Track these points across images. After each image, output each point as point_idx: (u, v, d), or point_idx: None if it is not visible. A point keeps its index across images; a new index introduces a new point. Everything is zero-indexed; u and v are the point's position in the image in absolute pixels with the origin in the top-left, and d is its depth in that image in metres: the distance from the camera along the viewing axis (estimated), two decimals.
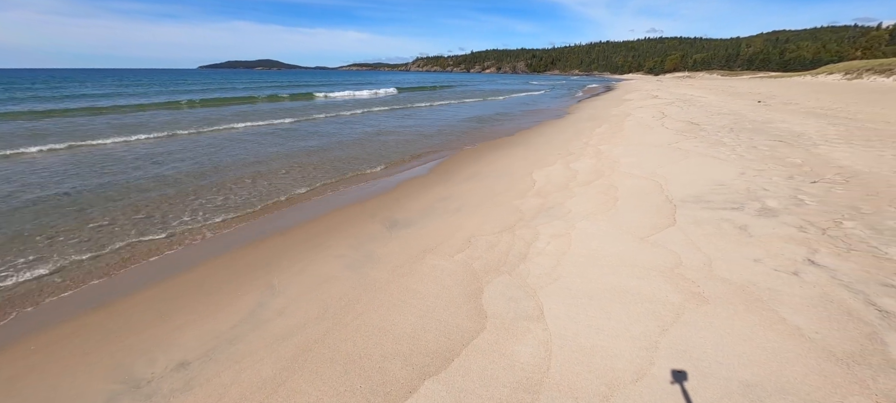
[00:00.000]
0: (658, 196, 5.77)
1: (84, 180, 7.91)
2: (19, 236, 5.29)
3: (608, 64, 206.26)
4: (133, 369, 2.84)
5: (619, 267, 3.76)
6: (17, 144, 11.29)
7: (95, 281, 4.30)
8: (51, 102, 24.61)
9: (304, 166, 9.39)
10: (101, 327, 3.46)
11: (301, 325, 3.19)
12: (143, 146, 11.54)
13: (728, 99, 23.78)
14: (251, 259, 4.70)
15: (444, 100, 31.23)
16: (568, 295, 3.33)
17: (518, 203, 5.99)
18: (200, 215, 6.19)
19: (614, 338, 2.74)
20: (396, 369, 2.59)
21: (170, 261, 4.78)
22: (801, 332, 2.73)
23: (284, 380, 2.56)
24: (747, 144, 9.09)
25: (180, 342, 3.13)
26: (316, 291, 3.78)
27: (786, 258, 3.74)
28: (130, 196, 7.01)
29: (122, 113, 20.36)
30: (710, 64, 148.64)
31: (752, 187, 5.89)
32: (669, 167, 7.38)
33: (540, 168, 8.18)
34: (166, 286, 4.14)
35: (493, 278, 3.73)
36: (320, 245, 4.96)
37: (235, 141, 12.54)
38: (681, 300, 3.14)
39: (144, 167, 9.02)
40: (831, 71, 52.31)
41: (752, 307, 3.04)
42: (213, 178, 8.26)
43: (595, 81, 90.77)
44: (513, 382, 2.41)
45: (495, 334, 2.88)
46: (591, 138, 11.49)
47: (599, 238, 4.45)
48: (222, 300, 3.78)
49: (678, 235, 4.40)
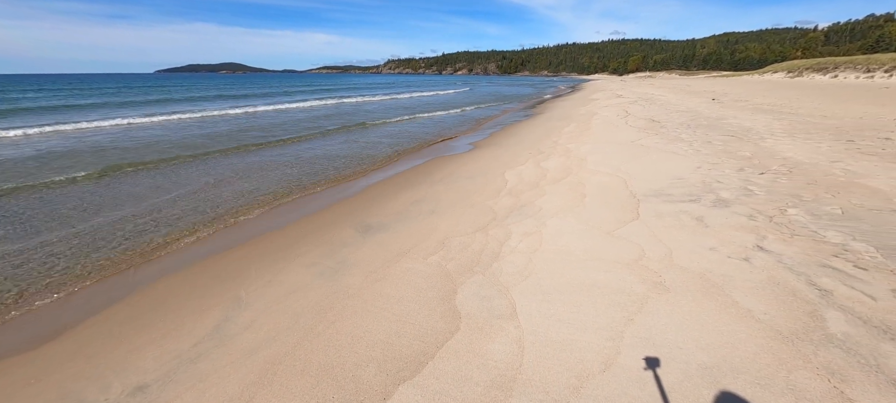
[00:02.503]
0: (623, 192, 6.01)
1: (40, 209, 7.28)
2: None
3: (575, 65, 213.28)
4: (83, 396, 2.64)
5: (588, 262, 3.89)
6: None
7: (42, 303, 3.97)
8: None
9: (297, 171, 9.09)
10: (49, 355, 3.20)
11: (270, 338, 3.08)
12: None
13: (686, 97, 25.18)
14: (217, 271, 4.49)
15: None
16: (539, 292, 3.41)
17: (491, 203, 6.06)
18: (163, 228, 5.86)
19: (583, 331, 2.83)
20: (370, 376, 2.55)
21: (128, 278, 4.49)
22: (751, 314, 2.92)
23: (251, 397, 2.46)
24: (703, 140, 9.66)
25: (137, 364, 2.94)
26: (286, 301, 3.66)
27: (737, 245, 4.00)
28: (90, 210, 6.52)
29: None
30: (669, 64, 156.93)
31: (708, 180, 6.25)
32: (633, 164, 7.72)
33: (512, 168, 8.32)
34: (123, 306, 3.89)
35: (467, 278, 3.76)
36: (291, 254, 4.82)
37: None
38: (644, 291, 3.29)
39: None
40: (776, 70, 56.57)
41: (709, 293, 3.23)
42: (173, 192, 7.83)
43: (563, 82, 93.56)
44: (486, 380, 2.43)
45: (469, 334, 2.90)
46: (560, 137, 11.82)
47: (569, 235, 4.59)
48: (185, 316, 3.59)
49: (641, 228, 4.60)
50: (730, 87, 36.28)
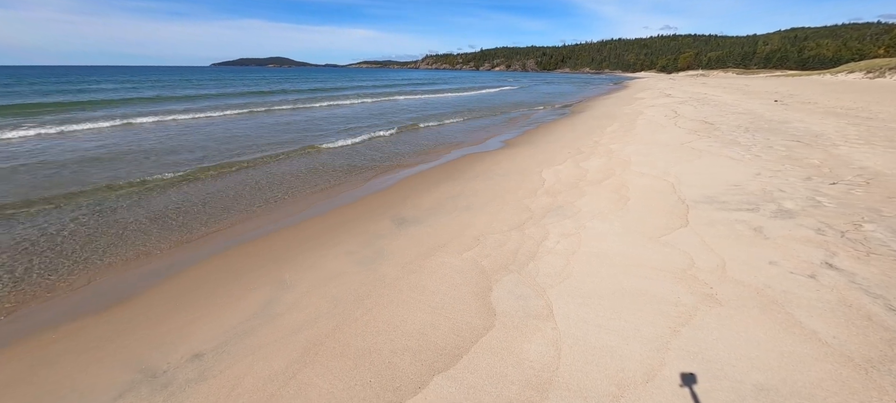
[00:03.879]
0: (670, 196, 5.69)
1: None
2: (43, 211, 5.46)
3: (620, 62, 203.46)
4: (150, 359, 2.92)
5: (630, 267, 3.73)
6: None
7: (113, 275, 4.42)
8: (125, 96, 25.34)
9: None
10: (120, 319, 3.55)
11: (312, 319, 3.24)
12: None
13: (743, 98, 23.28)
14: (262, 254, 4.77)
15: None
16: (577, 295, 3.31)
17: (527, 202, 5.96)
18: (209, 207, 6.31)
19: (625, 339, 2.72)
20: (406, 364, 2.61)
21: (184, 255, 4.88)
22: (817, 336, 2.67)
23: (296, 373, 2.60)
24: (763, 144, 8.90)
25: (194, 334, 3.20)
26: (326, 286, 3.82)
27: (803, 260, 3.66)
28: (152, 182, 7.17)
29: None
30: (725, 62, 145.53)
31: (768, 188, 5.76)
32: (682, 167, 7.27)
33: (549, 167, 8.12)
34: (180, 280, 4.23)
35: (502, 276, 3.73)
36: (330, 242, 5.01)
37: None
38: (693, 302, 3.10)
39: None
40: (852, 69, 50.80)
41: (767, 309, 2.98)
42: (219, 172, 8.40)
43: (606, 79, 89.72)
44: (522, 380, 2.41)
45: (504, 332, 2.88)
46: (602, 137, 11.37)
47: (610, 238, 4.41)
48: (235, 293, 3.85)
49: (691, 236, 4.33)
50: (796, 87, 33.09)
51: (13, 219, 5.80)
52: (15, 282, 4.18)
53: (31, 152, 10.06)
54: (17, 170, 8.38)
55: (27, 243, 5.06)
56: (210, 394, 2.48)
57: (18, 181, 7.59)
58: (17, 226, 5.56)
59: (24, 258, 4.66)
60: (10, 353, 3.11)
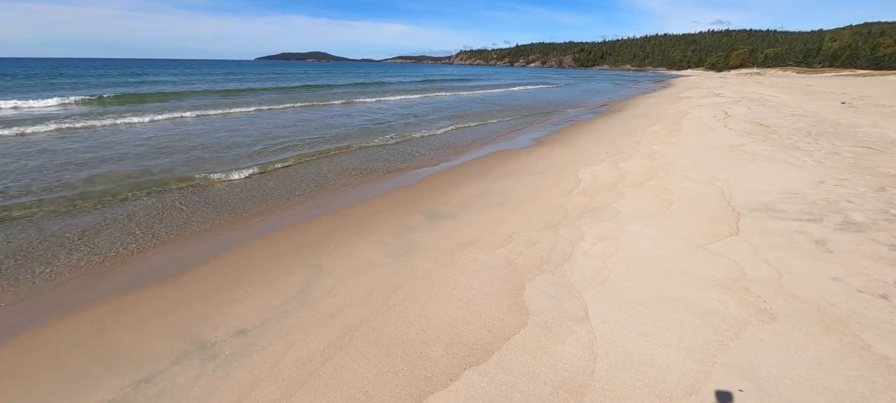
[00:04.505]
0: (719, 202, 5.34)
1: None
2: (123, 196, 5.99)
3: (664, 59, 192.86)
4: (199, 332, 3.13)
5: (673, 275, 3.54)
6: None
7: (170, 252, 4.77)
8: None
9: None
10: (171, 293, 3.83)
11: (347, 305, 3.34)
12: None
13: (805, 99, 21.36)
14: (298, 240, 4.96)
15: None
16: (615, 299, 3.19)
17: (562, 202, 5.81)
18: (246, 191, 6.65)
19: (666, 348, 2.59)
20: (438, 356, 2.63)
21: (229, 236, 5.18)
22: (888, 362, 2.42)
23: (332, 355, 2.69)
24: (828, 150, 8.13)
25: (238, 311, 3.39)
26: (360, 274, 3.92)
27: (873, 278, 3.32)
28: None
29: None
30: (784, 60, 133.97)
31: (834, 198, 5.26)
32: (733, 171, 6.79)
33: (586, 167, 7.86)
34: (225, 260, 4.49)
35: (536, 275, 3.66)
36: (362, 232, 5.13)
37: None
38: (744, 315, 2.90)
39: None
40: None
41: (830, 329, 2.73)
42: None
43: (649, 77, 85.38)
44: (555, 382, 2.36)
45: (537, 331, 2.83)
46: (643, 137, 10.85)
47: (651, 243, 4.21)
48: (274, 276, 4.04)
49: (742, 245, 4.05)
50: (867, 88, 29.89)
51: (105, 204, 6.41)
52: (92, 254, 4.62)
53: (124, 142, 11.05)
54: (123, 156, 9.25)
55: (104, 223, 5.58)
56: (254, 368, 2.62)
57: (124, 166, 8.38)
58: (105, 210, 6.15)
59: (103, 235, 5.14)
60: (85, 316, 3.44)
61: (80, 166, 8.06)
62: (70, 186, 6.88)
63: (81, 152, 9.23)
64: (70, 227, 5.30)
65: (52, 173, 7.54)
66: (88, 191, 6.63)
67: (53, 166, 8.08)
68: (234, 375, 2.59)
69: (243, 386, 2.48)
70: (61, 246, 4.77)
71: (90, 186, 6.91)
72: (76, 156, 8.90)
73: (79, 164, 8.26)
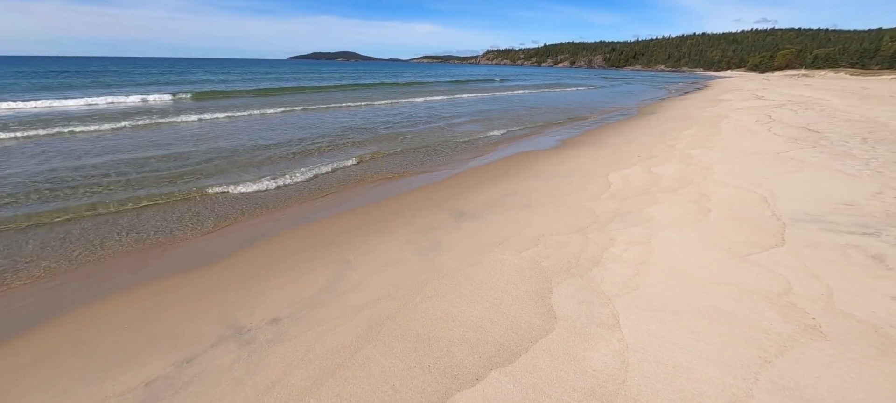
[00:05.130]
0: (761, 210, 5.04)
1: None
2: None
3: (701, 59, 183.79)
4: (236, 318, 3.28)
5: (710, 285, 3.38)
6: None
7: (199, 240, 5.03)
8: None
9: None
10: (209, 280, 4.03)
11: (374, 300, 3.40)
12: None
13: (859, 103, 19.79)
14: (325, 235, 5.09)
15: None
16: (648, 308, 3.08)
17: (591, 205, 5.67)
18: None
19: (704, 361, 2.48)
20: (463, 354, 2.64)
21: (263, 228, 5.40)
22: None
23: (360, 348, 2.76)
24: (887, 158, 7.50)
25: (272, 300, 3.53)
26: (386, 271, 3.99)
27: None
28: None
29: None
30: (836, 61, 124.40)
31: (893, 210, 4.85)
32: (778, 179, 6.40)
33: (616, 170, 7.63)
34: (258, 250, 4.69)
35: (563, 279, 3.59)
36: (387, 229, 5.20)
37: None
38: (790, 332, 2.73)
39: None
40: None
41: (889, 352, 2.53)
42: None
43: (685, 78, 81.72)
44: (584, 388, 2.31)
45: (565, 336, 2.78)
46: (679, 141, 10.40)
47: (687, 251, 4.04)
48: (304, 268, 4.17)
49: (788, 257, 3.81)
50: None
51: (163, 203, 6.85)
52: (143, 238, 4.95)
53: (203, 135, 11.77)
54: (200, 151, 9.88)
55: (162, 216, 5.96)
56: (286, 355, 2.73)
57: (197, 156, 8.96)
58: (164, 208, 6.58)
59: (156, 224, 5.50)
60: (130, 297, 3.70)
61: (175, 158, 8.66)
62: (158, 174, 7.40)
63: (189, 141, 9.90)
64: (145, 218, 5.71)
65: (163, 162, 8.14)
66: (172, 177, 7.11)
67: (163, 155, 8.72)
68: (268, 361, 2.70)
69: (277, 372, 2.58)
70: (124, 232, 5.14)
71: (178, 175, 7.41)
72: (174, 149, 9.56)
73: (170, 158, 8.87)
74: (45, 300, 3.68)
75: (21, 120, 13.12)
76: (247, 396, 2.39)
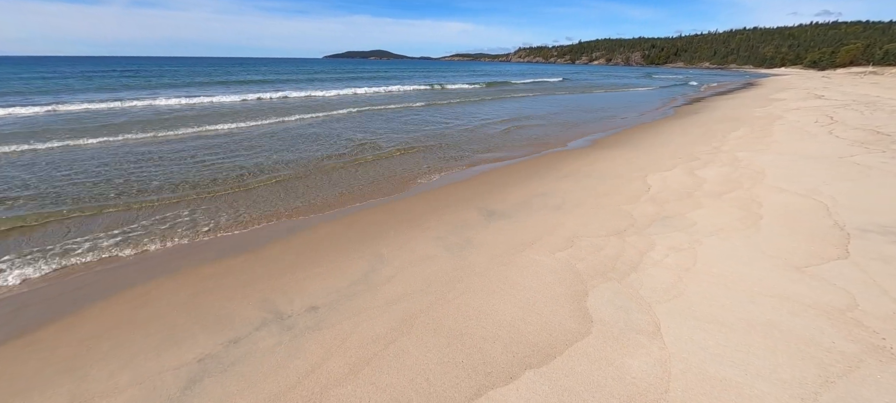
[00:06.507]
0: (822, 219, 4.65)
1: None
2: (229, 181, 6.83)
3: (752, 55, 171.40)
4: (277, 304, 3.45)
5: (763, 297, 3.16)
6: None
7: (254, 228, 5.31)
8: None
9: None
10: (251, 267, 4.25)
11: (407, 294, 3.46)
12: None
13: None
14: (358, 229, 5.21)
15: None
16: (692, 317, 2.93)
17: (628, 208, 5.46)
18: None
19: (755, 377, 2.33)
20: (497, 352, 2.63)
21: (301, 220, 5.62)
22: None
23: (394, 339, 2.81)
24: None
25: (310, 289, 3.67)
26: (418, 266, 4.03)
27: None
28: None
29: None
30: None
31: None
32: (840, 185, 5.87)
33: (655, 172, 7.30)
34: (296, 241, 4.88)
35: (600, 283, 3.49)
36: (419, 226, 5.25)
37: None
38: (856, 351, 2.50)
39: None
40: None
41: None
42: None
43: (732, 76, 76.58)
44: (623, 395, 2.24)
45: (602, 341, 2.70)
46: (725, 143, 9.79)
47: (735, 260, 3.80)
48: (340, 260, 4.30)
49: (852, 270, 3.49)
50: None
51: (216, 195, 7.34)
52: (194, 228, 5.31)
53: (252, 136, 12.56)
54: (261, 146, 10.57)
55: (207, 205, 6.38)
56: (324, 342, 2.83)
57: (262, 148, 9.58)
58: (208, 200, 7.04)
59: (209, 214, 5.88)
60: (181, 280, 3.97)
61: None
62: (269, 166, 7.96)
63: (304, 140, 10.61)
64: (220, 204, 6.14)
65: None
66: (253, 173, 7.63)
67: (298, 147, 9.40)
68: (308, 346, 2.81)
69: (316, 358, 2.68)
70: (181, 221, 5.54)
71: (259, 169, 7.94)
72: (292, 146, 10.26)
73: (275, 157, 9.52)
74: (103, 280, 4.04)
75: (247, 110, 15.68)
76: (289, 378, 2.51)
